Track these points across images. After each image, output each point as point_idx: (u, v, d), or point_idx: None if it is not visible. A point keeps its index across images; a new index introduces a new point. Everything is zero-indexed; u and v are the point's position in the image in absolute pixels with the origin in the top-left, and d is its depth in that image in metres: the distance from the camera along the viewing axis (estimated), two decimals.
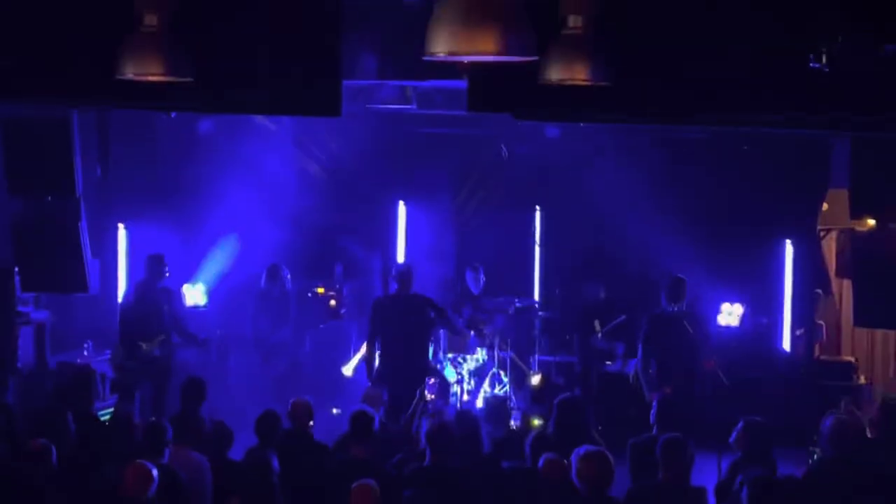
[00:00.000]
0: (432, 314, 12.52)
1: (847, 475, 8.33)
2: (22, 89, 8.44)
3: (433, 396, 10.81)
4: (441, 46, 5.87)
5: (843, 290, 14.13)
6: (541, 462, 8.22)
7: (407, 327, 12.35)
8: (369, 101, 12.68)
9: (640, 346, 12.27)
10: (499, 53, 5.84)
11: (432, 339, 13.14)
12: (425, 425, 8.77)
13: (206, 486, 8.63)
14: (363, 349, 13.20)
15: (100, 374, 10.49)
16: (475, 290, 15.05)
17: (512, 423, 12.77)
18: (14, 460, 8.48)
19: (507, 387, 14.59)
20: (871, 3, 7.59)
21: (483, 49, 5.80)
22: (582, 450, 7.95)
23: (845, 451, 8.64)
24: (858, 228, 11.49)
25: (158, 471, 8.02)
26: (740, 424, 9.08)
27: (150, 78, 7.50)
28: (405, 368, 12.05)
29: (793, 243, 14.75)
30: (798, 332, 13.48)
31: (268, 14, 8.27)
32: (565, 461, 8.13)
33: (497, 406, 10.66)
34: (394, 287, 12.73)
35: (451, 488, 8.24)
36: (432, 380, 11.59)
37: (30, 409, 10.60)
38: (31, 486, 8.14)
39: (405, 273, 12.62)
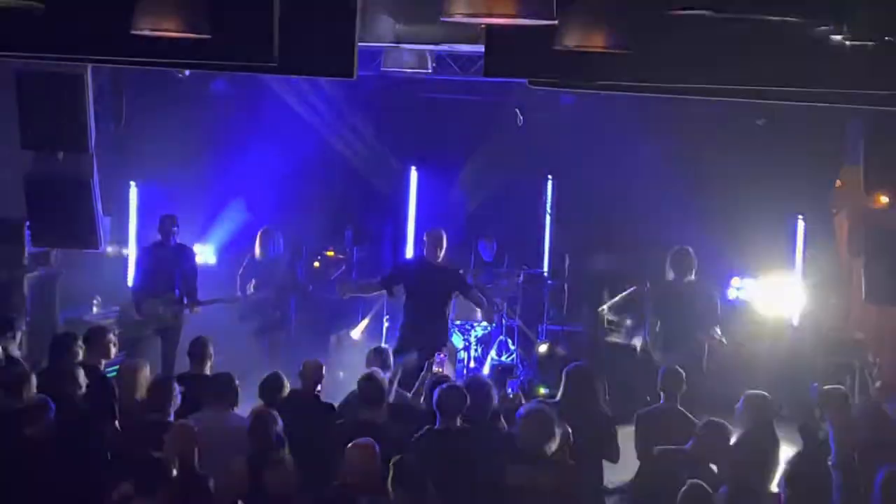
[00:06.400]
0: (457, 289, 12.33)
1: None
2: (36, 44, 8.40)
3: (442, 370, 10.80)
4: (459, 8, 5.84)
5: (855, 267, 14.08)
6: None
7: (430, 296, 12.16)
8: (385, 64, 12.62)
9: (647, 318, 12.27)
10: (516, 16, 5.82)
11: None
12: (435, 392, 8.76)
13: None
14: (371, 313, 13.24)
15: (109, 330, 10.48)
16: (487, 259, 15.11)
17: (509, 390, 12.79)
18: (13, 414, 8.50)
19: (514, 355, 14.61)
20: None
21: (501, 11, 5.78)
22: (522, 409, 8.02)
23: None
24: (871, 205, 11.47)
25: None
26: (741, 400, 9.09)
27: (166, 34, 7.47)
28: (422, 337, 11.85)
29: (805, 220, 14.70)
30: None
31: None
32: (569, 429, 8.18)
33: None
34: (420, 252, 12.55)
35: (456, 450, 8.26)
36: (442, 354, 11.55)
37: (38, 364, 10.60)
38: (29, 440, 8.19)
39: (437, 238, 12.27)
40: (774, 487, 7.89)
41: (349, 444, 7.71)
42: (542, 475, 7.81)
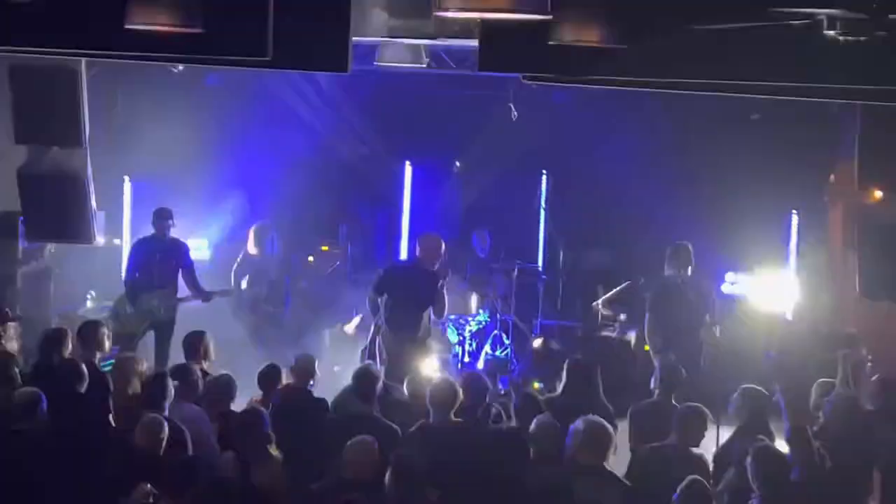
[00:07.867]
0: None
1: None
2: (30, 38, 8.39)
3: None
4: (454, 2, 5.83)
5: (849, 262, 14.09)
6: (533, 425, 8.29)
7: (418, 299, 11.91)
8: (380, 59, 12.61)
9: (646, 314, 12.27)
10: (511, 11, 5.81)
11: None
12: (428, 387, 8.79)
13: (207, 438, 8.65)
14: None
15: (103, 325, 10.48)
16: (482, 254, 15.10)
17: (500, 386, 12.79)
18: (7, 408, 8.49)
19: (509, 349, 14.61)
20: None
21: (495, 5, 5.77)
22: (578, 423, 8.00)
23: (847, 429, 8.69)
24: (865, 200, 11.47)
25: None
26: (737, 394, 9.10)
27: (160, 28, 7.46)
28: (409, 340, 11.77)
29: (798, 214, 14.71)
30: None
31: None
32: (558, 425, 8.18)
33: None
34: (414, 256, 12.38)
35: (449, 445, 8.27)
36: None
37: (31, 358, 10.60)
38: (20, 435, 8.18)
39: (434, 245, 12.01)
40: None
41: (349, 441, 7.72)
42: (608, 488, 7.81)
